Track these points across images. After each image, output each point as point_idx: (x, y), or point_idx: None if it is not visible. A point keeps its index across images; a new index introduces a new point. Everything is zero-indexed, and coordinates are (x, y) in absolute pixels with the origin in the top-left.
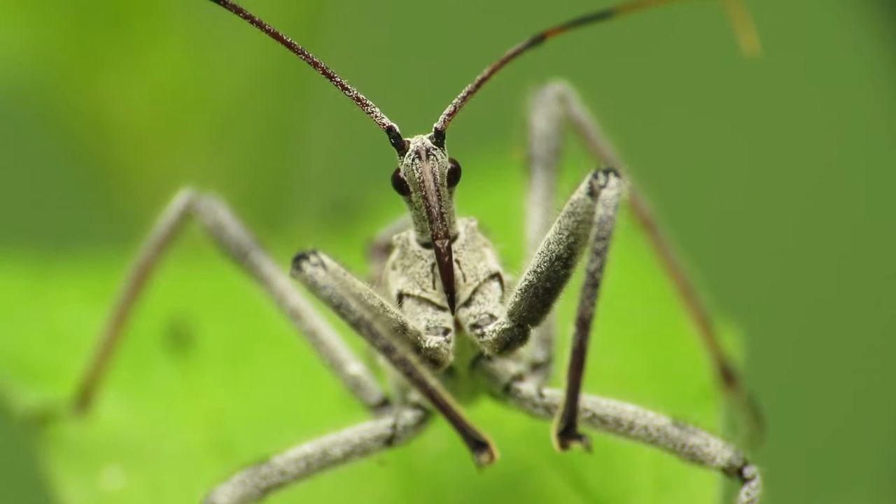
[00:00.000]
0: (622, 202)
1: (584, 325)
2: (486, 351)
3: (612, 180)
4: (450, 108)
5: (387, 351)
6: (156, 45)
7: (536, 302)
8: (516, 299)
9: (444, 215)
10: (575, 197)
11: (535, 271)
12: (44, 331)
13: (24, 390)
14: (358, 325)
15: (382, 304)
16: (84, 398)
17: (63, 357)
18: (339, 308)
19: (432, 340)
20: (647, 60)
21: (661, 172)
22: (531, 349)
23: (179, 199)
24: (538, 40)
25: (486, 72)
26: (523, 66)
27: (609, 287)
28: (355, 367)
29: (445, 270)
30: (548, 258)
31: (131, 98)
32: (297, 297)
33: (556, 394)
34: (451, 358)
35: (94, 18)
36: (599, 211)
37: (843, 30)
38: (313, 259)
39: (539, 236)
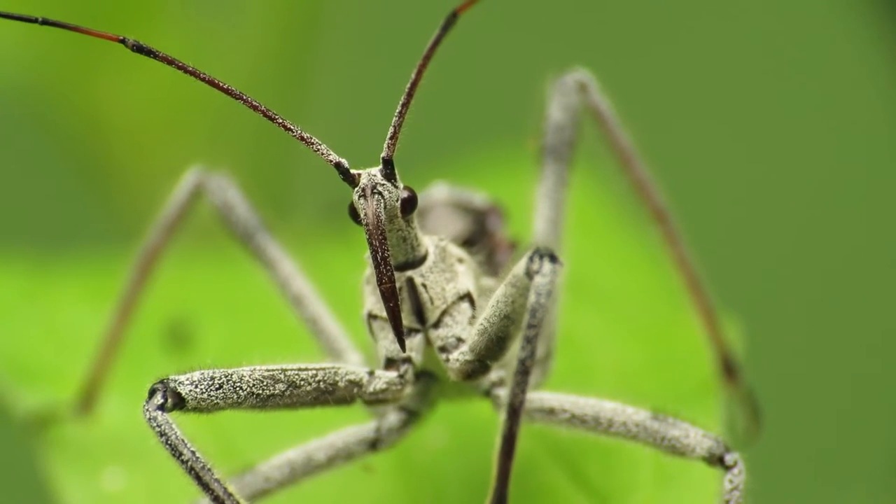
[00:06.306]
0: (554, 289)
1: (514, 412)
2: (452, 377)
3: (546, 267)
4: (390, 131)
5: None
6: (155, 44)
7: (493, 346)
8: (476, 338)
9: (389, 259)
10: (516, 270)
11: (488, 320)
12: (43, 332)
13: (24, 392)
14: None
15: (293, 379)
16: (87, 398)
17: (62, 358)
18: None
19: (379, 382)
20: (661, 58)
21: (667, 167)
22: None
23: (189, 178)
24: (451, 20)
25: (413, 76)
26: (546, 58)
27: (609, 283)
28: (355, 358)
29: (392, 315)
30: (497, 314)
31: (130, 97)
32: (300, 282)
33: (534, 397)
34: (408, 390)
35: (94, 17)
36: (531, 298)
37: (846, 28)
38: (164, 400)
39: (546, 229)
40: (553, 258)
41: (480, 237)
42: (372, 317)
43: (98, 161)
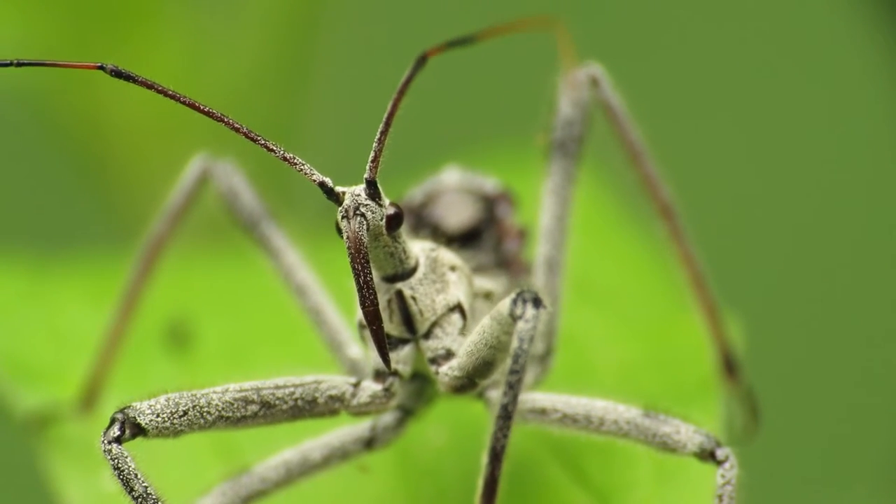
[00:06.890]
0: (538, 334)
1: (496, 456)
2: (441, 390)
3: (529, 312)
4: (371, 155)
5: None
6: (155, 44)
7: (480, 367)
8: (464, 358)
9: (371, 283)
10: (501, 308)
11: (476, 344)
12: (43, 332)
13: (24, 392)
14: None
15: (268, 399)
16: (89, 396)
17: (62, 358)
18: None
19: (363, 395)
20: (669, 57)
21: (670, 164)
22: None
23: (195, 164)
24: (421, 62)
25: (389, 108)
26: (556, 53)
27: (610, 281)
28: (355, 350)
29: (375, 337)
30: (483, 343)
31: (130, 98)
32: (304, 272)
33: (527, 398)
34: (394, 402)
35: (94, 17)
36: (514, 343)
37: (847, 29)
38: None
39: (552, 225)
40: (537, 302)
41: (489, 224)
42: (363, 326)
43: (98, 161)
